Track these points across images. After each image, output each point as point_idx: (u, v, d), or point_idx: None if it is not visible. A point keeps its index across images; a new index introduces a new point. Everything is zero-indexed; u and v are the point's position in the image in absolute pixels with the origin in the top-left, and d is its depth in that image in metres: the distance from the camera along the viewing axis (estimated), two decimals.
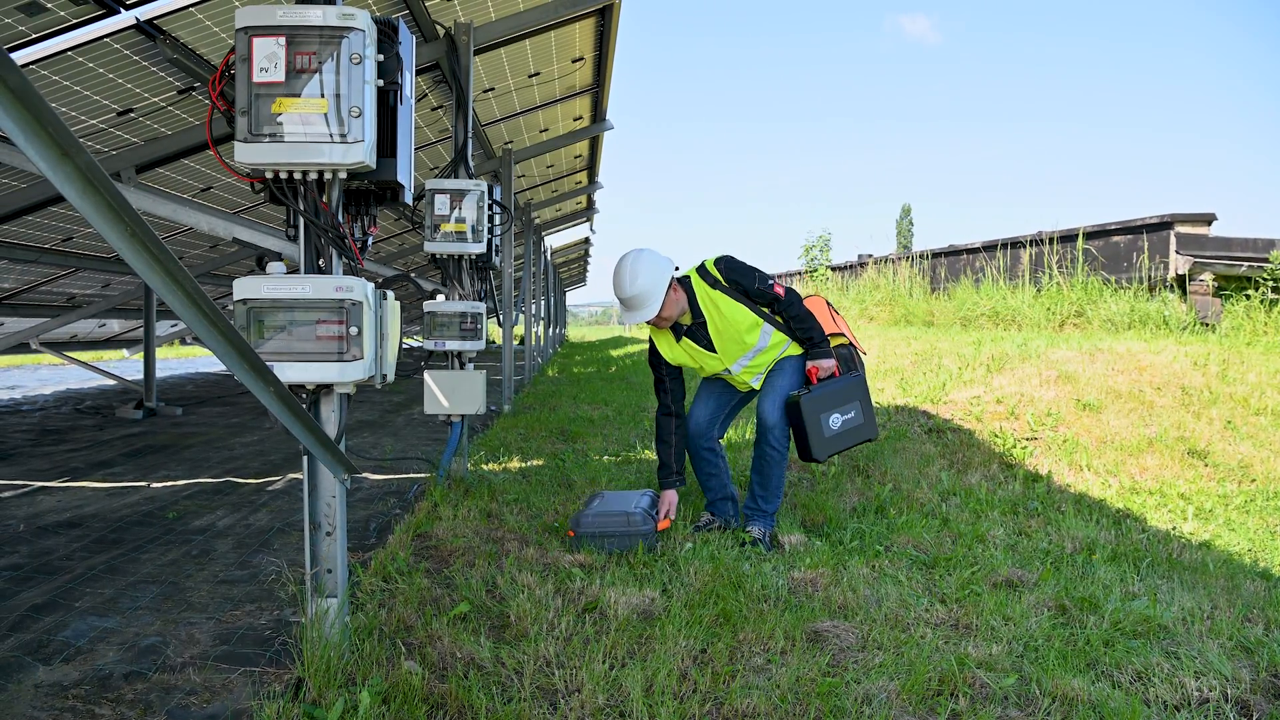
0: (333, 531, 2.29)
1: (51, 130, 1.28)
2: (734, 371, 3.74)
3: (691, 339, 3.69)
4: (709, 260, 3.71)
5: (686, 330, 3.70)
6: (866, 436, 3.62)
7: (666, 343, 3.77)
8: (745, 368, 3.73)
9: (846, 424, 3.54)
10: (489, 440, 6.46)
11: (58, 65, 4.01)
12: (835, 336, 3.78)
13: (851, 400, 3.58)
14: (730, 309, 3.62)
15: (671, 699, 2.16)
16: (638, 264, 3.55)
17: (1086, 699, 2.20)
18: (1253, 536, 3.99)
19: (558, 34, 6.41)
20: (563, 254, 22.47)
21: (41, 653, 2.43)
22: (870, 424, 3.61)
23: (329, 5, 2.11)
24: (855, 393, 3.60)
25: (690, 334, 3.69)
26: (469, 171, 4.74)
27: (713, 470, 3.85)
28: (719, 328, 3.64)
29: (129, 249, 1.50)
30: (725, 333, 3.64)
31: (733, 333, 3.63)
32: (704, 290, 3.65)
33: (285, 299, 2.13)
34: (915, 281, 13.78)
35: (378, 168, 2.23)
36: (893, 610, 2.81)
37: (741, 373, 3.75)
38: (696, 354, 3.72)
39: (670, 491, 3.77)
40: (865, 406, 3.60)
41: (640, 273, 3.54)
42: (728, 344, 3.66)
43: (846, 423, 3.54)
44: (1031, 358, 7.04)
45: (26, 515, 4.06)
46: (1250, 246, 9.12)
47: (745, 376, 3.76)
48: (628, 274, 3.55)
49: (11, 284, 7.76)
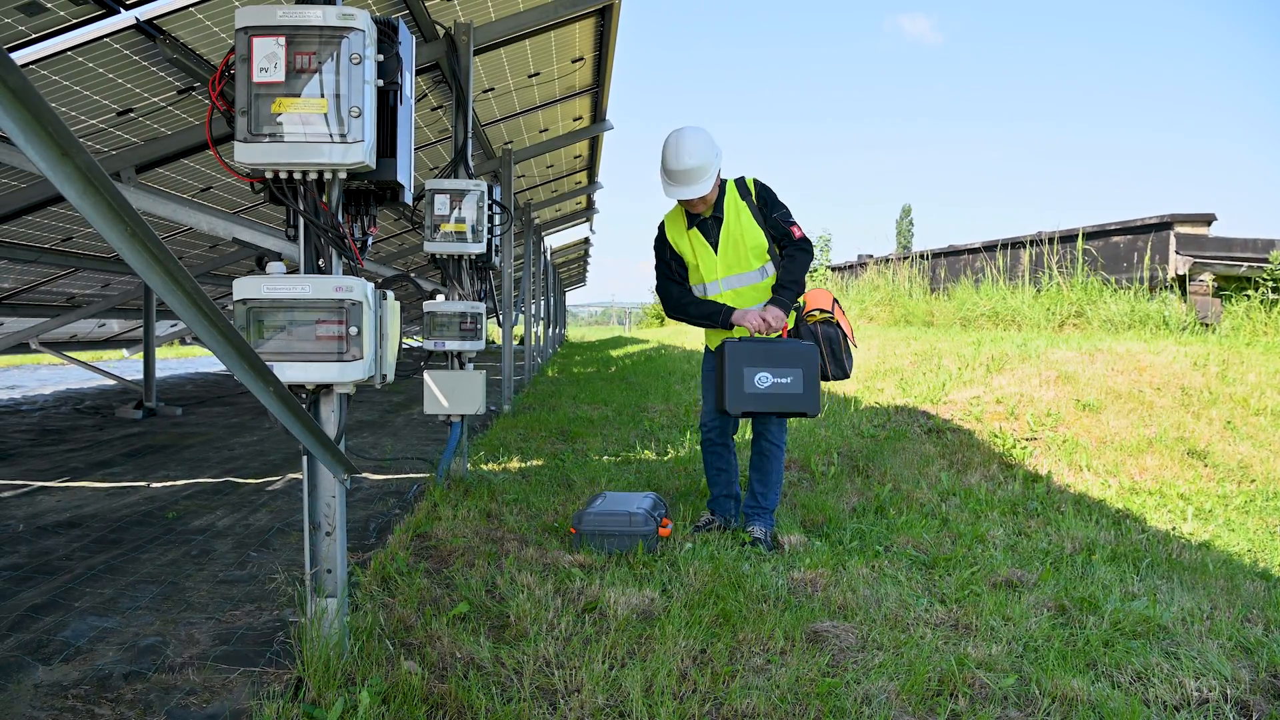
0: (332, 531, 2.29)
1: (51, 130, 1.27)
2: (721, 288, 3.65)
3: (701, 231, 3.64)
4: (749, 177, 3.70)
5: (700, 222, 3.64)
6: (801, 410, 3.33)
7: (676, 229, 3.72)
8: (732, 289, 3.65)
9: (778, 387, 3.28)
10: (489, 440, 6.46)
11: (58, 65, 4.01)
12: (822, 313, 3.67)
13: (792, 365, 3.33)
14: (749, 223, 3.60)
15: (671, 699, 2.16)
16: (697, 138, 3.48)
17: (1086, 699, 2.20)
18: (1252, 537, 3.99)
19: (557, 34, 6.41)
20: (563, 254, 22.47)
21: (41, 653, 2.43)
22: (810, 398, 3.33)
23: (329, 5, 2.11)
24: (799, 360, 3.35)
25: (702, 226, 3.64)
26: (469, 171, 4.74)
27: (722, 465, 3.84)
28: (730, 232, 3.60)
29: (129, 249, 1.50)
30: (734, 239, 3.61)
31: (740, 243, 3.60)
32: (734, 194, 3.63)
33: (285, 299, 2.13)
34: (915, 282, 13.77)
35: (378, 168, 2.23)
36: (892, 610, 2.81)
37: (724, 295, 3.65)
38: (698, 247, 3.65)
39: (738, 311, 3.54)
40: (809, 379, 3.34)
41: (699, 147, 3.46)
42: (730, 251, 3.62)
43: (778, 386, 3.27)
44: (1031, 358, 7.04)
45: (26, 515, 4.06)
46: (1250, 247, 9.12)
47: (728, 298, 3.66)
48: (687, 146, 3.46)
49: (11, 284, 7.75)
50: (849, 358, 3.69)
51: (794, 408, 3.31)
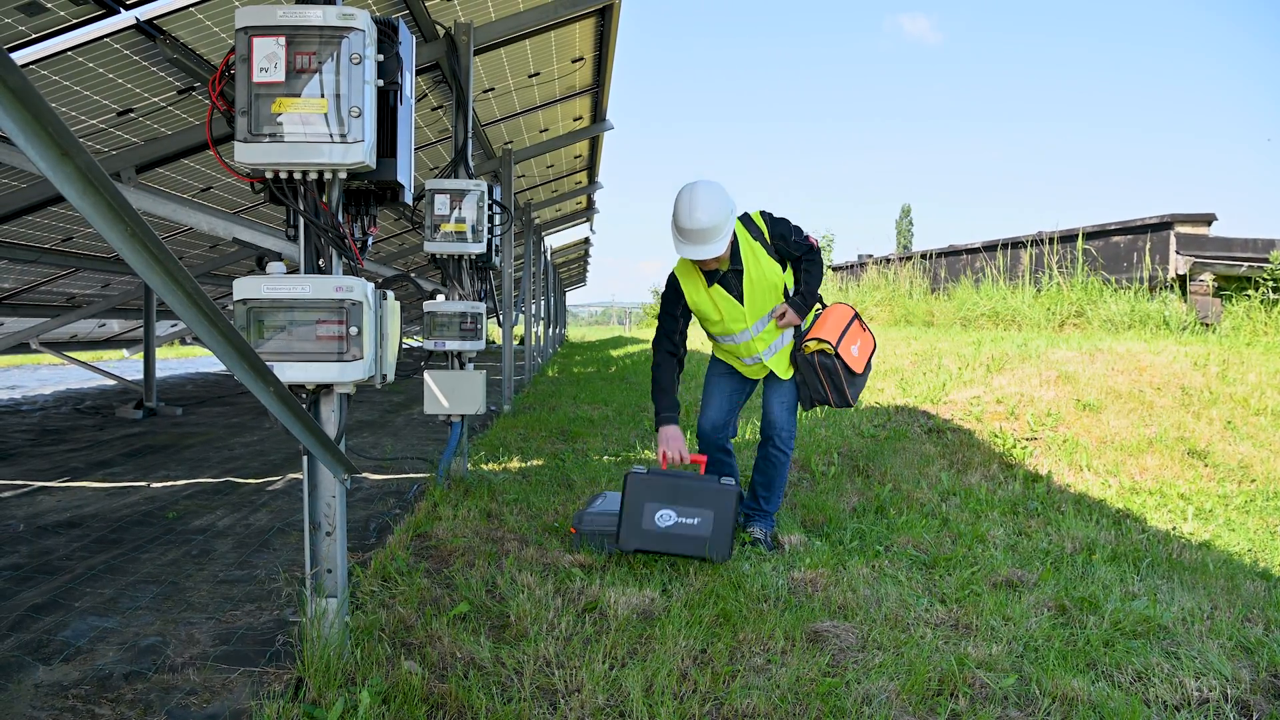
0: (333, 531, 2.29)
1: (51, 130, 1.27)
2: (753, 333, 3.56)
3: (724, 286, 3.51)
4: (753, 211, 3.58)
5: (720, 277, 3.53)
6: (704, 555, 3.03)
7: (693, 285, 3.55)
8: (762, 332, 3.58)
9: (682, 528, 3.01)
10: (489, 440, 6.46)
11: (58, 65, 4.01)
12: (820, 343, 3.50)
13: (702, 506, 3.04)
14: (767, 264, 3.49)
15: (671, 699, 2.16)
16: (711, 195, 3.30)
17: (1086, 699, 2.20)
18: (1253, 537, 3.98)
19: (557, 34, 6.41)
20: (563, 254, 22.46)
21: (41, 652, 2.43)
22: (719, 543, 3.02)
23: (329, 5, 2.11)
24: (712, 501, 3.05)
25: (723, 281, 3.50)
26: (469, 171, 4.74)
27: (725, 472, 3.80)
28: (754, 279, 3.49)
29: (129, 249, 1.50)
30: (759, 284, 3.49)
31: (766, 286, 3.50)
32: (746, 238, 3.50)
33: (285, 299, 2.13)
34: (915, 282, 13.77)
35: (378, 168, 2.23)
36: (893, 610, 2.81)
37: (757, 339, 3.58)
38: (723, 303, 3.51)
39: (674, 427, 3.44)
40: (720, 522, 3.04)
41: (714, 205, 3.28)
42: (758, 297, 3.51)
43: (682, 526, 3.01)
44: (1031, 358, 7.04)
45: (26, 515, 4.06)
46: (1250, 247, 9.12)
47: (759, 345, 3.59)
48: (702, 204, 3.28)
49: (11, 284, 7.75)
50: (854, 388, 3.56)
51: (696, 552, 3.01)
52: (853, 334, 3.59)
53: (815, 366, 3.52)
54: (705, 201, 3.30)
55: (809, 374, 3.54)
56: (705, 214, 3.28)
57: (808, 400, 3.60)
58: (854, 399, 3.54)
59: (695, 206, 3.29)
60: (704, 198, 3.30)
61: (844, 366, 3.50)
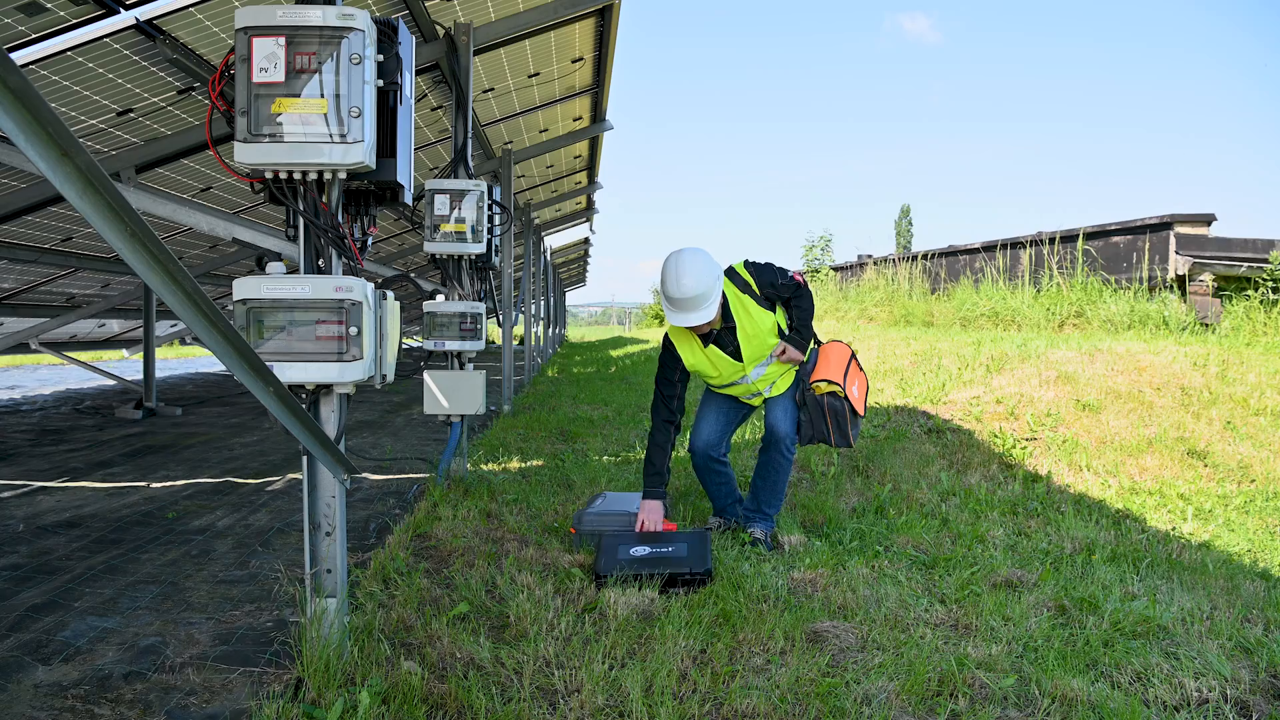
0: (332, 531, 2.29)
1: (51, 130, 1.27)
2: (751, 379, 3.62)
3: (719, 345, 3.56)
4: (736, 264, 3.62)
5: (714, 337, 3.56)
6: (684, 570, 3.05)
7: (688, 347, 3.61)
8: (762, 375, 3.64)
9: (658, 555, 3.09)
10: (489, 440, 6.46)
11: (57, 65, 4.01)
12: (829, 384, 3.53)
13: (676, 542, 3.16)
14: (758, 314, 3.54)
15: (671, 699, 2.16)
16: (696, 262, 3.38)
17: (1086, 699, 2.20)
18: (1252, 537, 3.98)
19: (557, 34, 6.41)
20: (562, 254, 22.47)
21: (41, 653, 2.43)
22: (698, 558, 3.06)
23: (329, 5, 2.11)
24: (685, 537, 3.19)
25: (718, 340, 3.56)
26: (469, 172, 4.74)
27: (722, 480, 3.82)
28: (748, 333, 3.54)
29: (128, 249, 1.50)
30: (753, 338, 3.54)
31: (761, 335, 3.55)
32: (734, 293, 3.54)
33: (285, 299, 2.13)
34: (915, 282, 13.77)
35: (377, 168, 2.23)
36: (892, 610, 2.81)
37: (758, 380, 3.64)
38: (719, 361, 3.58)
39: (656, 502, 3.53)
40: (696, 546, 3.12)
41: (701, 272, 3.36)
42: (754, 347, 3.56)
43: (658, 554, 3.10)
44: (1031, 358, 7.04)
45: (26, 515, 4.06)
46: (1250, 247, 9.12)
47: (759, 385, 3.66)
48: (689, 272, 3.36)
49: (11, 284, 7.76)
50: (855, 429, 3.59)
51: (678, 569, 3.05)
52: (853, 374, 3.64)
53: (824, 408, 3.55)
54: (690, 270, 3.37)
55: (816, 414, 3.58)
56: (692, 282, 3.35)
57: (808, 437, 3.61)
58: (854, 440, 3.59)
59: (682, 275, 3.36)
60: (689, 266, 3.38)
61: (851, 410, 3.56)
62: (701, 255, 3.44)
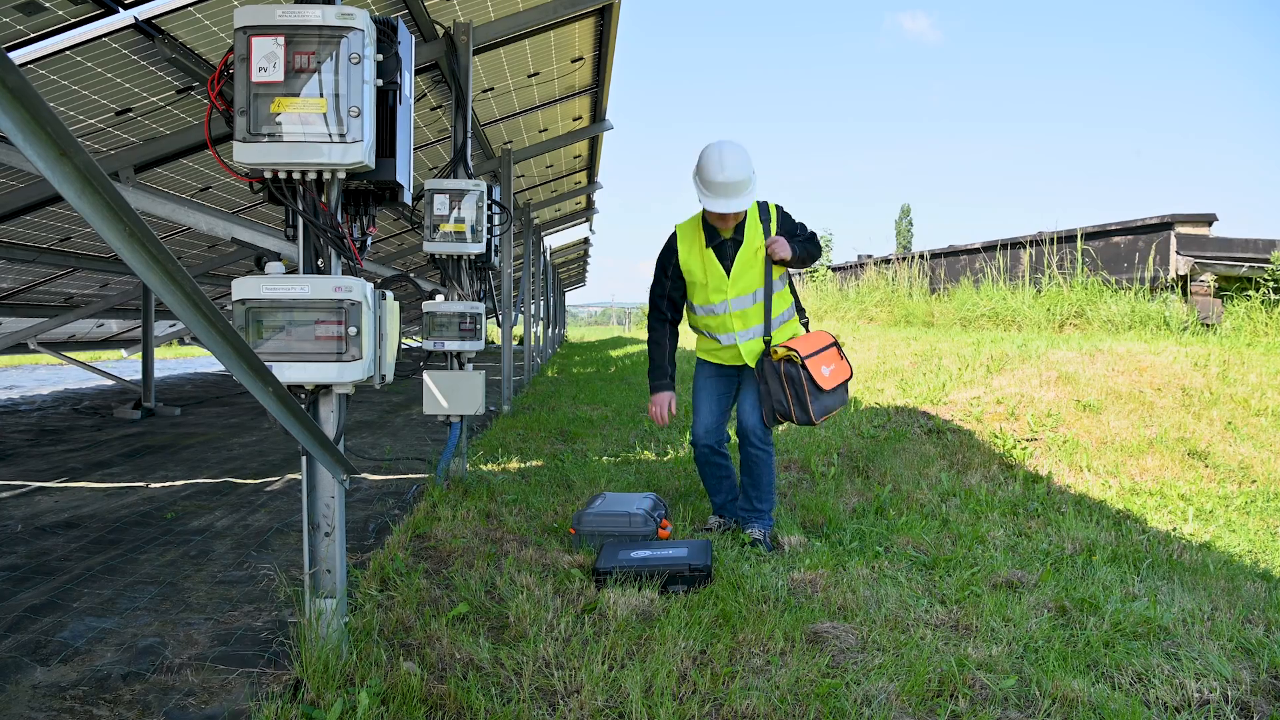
0: (331, 532, 2.28)
1: (50, 130, 1.27)
2: (731, 308, 3.61)
3: (717, 252, 3.60)
4: (772, 203, 3.68)
5: (718, 243, 3.61)
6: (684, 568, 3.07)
7: (689, 244, 3.67)
8: (741, 310, 3.61)
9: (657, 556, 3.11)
10: (488, 441, 6.46)
11: (56, 65, 4.01)
12: (788, 351, 3.50)
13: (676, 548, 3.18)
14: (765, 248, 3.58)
15: (671, 700, 2.15)
16: (738, 153, 3.45)
17: (1086, 700, 2.19)
18: (1253, 538, 3.98)
19: (557, 34, 6.40)
20: (562, 254, 22.46)
21: (39, 653, 2.43)
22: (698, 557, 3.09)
23: (328, 5, 2.11)
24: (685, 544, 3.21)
25: (719, 247, 3.60)
26: (468, 171, 4.73)
27: (723, 474, 3.83)
28: (745, 256, 3.57)
29: (127, 249, 1.49)
30: (749, 263, 3.58)
31: (754, 268, 3.58)
32: (755, 219, 3.60)
33: (284, 299, 2.13)
34: (915, 282, 13.77)
35: (377, 168, 2.23)
36: (892, 611, 2.80)
37: (734, 315, 3.61)
38: (710, 266, 3.61)
39: (667, 393, 3.73)
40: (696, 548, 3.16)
41: (742, 160, 3.44)
42: (743, 275, 3.59)
43: (657, 556, 3.12)
44: (1031, 358, 7.04)
45: (24, 516, 4.05)
46: (1251, 247, 9.12)
47: (735, 323, 3.62)
48: (730, 159, 3.42)
49: (10, 284, 7.75)
50: (818, 403, 3.49)
51: (677, 567, 3.06)
52: (828, 356, 3.61)
53: (780, 374, 3.51)
54: (733, 157, 3.43)
55: (773, 381, 3.53)
56: (735, 169, 3.42)
57: (769, 413, 3.55)
58: (817, 416, 3.48)
59: (725, 162, 3.42)
60: (731, 154, 3.44)
61: (809, 379, 3.48)
62: (741, 147, 3.49)
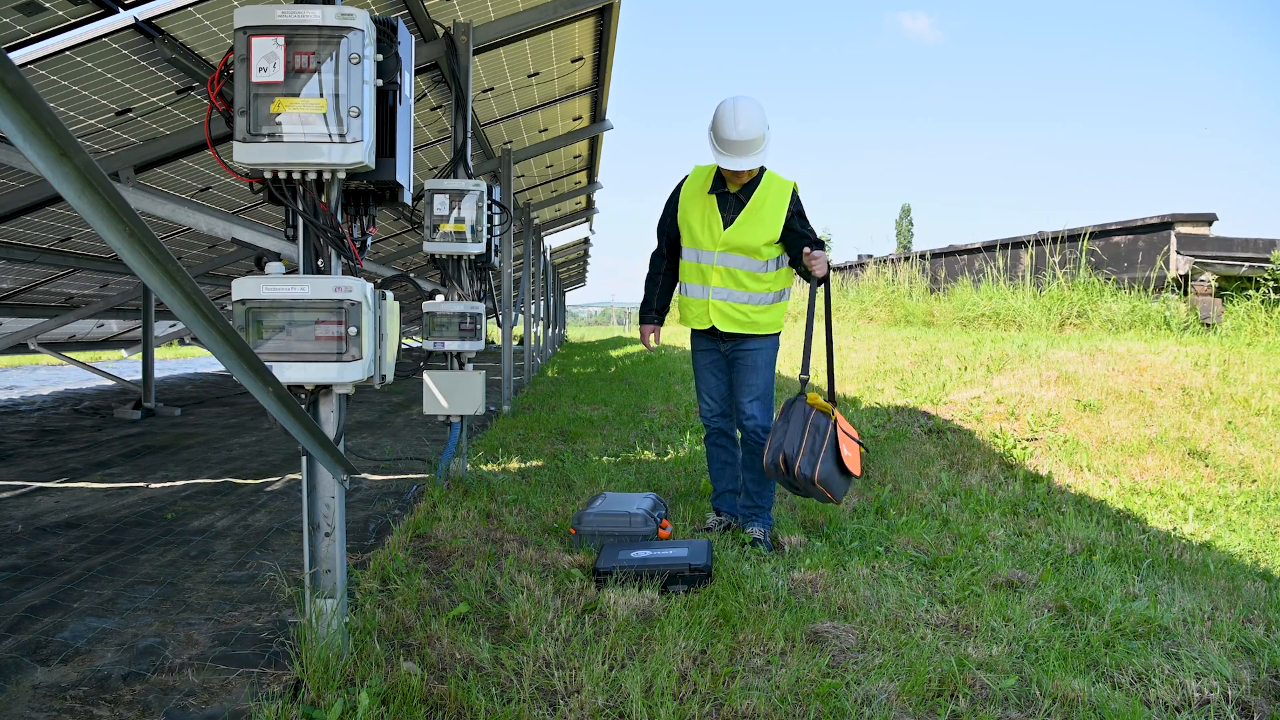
0: (331, 532, 2.28)
1: (50, 130, 1.27)
2: (715, 261, 3.56)
3: (719, 201, 3.56)
4: (793, 183, 3.62)
5: (724, 195, 3.56)
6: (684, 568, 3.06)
7: (694, 190, 3.65)
8: (726, 267, 3.57)
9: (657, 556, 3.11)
10: (488, 441, 6.46)
11: (56, 65, 4.01)
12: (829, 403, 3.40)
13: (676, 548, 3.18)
14: (770, 218, 3.51)
15: (671, 700, 2.15)
16: (752, 109, 3.40)
17: (1087, 700, 2.19)
18: (1253, 537, 3.98)
19: (557, 34, 6.40)
20: (562, 254, 22.46)
21: (40, 654, 2.43)
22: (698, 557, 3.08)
23: (328, 5, 2.11)
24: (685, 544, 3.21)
25: (723, 198, 3.57)
26: (468, 171, 4.73)
27: (727, 459, 3.84)
28: (747, 218, 3.52)
29: (127, 249, 1.49)
30: (749, 225, 3.52)
31: (755, 231, 3.51)
32: (769, 187, 3.54)
33: (284, 299, 2.13)
34: (915, 282, 13.77)
35: (377, 168, 2.23)
36: (893, 611, 2.80)
37: (714, 268, 3.56)
38: (710, 214, 3.57)
39: (648, 325, 3.85)
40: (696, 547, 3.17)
41: (757, 118, 3.39)
42: (741, 234, 3.53)
43: (657, 556, 3.12)
44: (1032, 358, 7.04)
45: (25, 516, 4.05)
46: (1251, 247, 9.12)
47: (713, 276, 3.57)
48: (745, 115, 3.37)
49: (10, 284, 7.75)
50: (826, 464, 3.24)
51: (678, 566, 3.05)
52: (853, 445, 3.46)
53: (808, 419, 3.32)
54: (747, 114, 3.39)
55: (796, 421, 3.32)
56: (748, 125, 3.37)
57: (774, 452, 3.29)
58: (820, 479, 3.24)
59: (739, 118, 3.38)
60: (746, 110, 3.40)
61: (833, 439, 3.31)
62: (757, 103, 3.44)
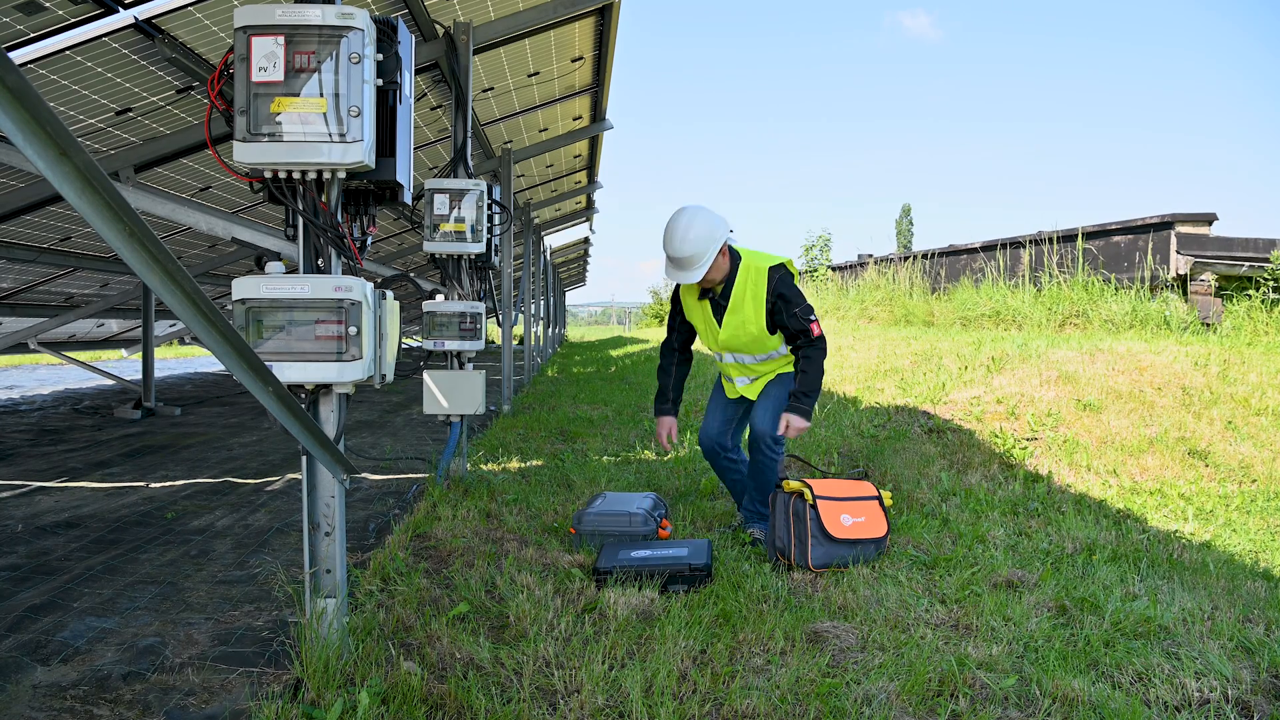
0: (331, 532, 2.28)
1: (50, 129, 1.27)
2: (726, 359, 3.75)
3: (711, 306, 3.66)
4: (770, 260, 3.56)
5: (710, 297, 3.65)
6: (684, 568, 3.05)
7: (690, 295, 3.74)
8: (737, 361, 3.72)
9: (658, 556, 3.08)
10: (488, 440, 6.46)
11: (56, 64, 4.01)
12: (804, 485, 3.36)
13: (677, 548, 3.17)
14: (753, 315, 3.53)
15: (671, 699, 2.15)
16: (694, 223, 3.42)
17: (1087, 700, 2.19)
18: (1253, 537, 3.98)
19: (557, 33, 6.40)
20: (562, 254, 22.45)
21: (40, 653, 2.43)
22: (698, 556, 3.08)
23: (328, 4, 2.11)
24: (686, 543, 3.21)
25: (713, 302, 3.65)
26: (468, 171, 4.73)
27: (736, 475, 3.88)
28: (733, 319, 3.59)
29: (127, 248, 1.49)
30: (736, 327, 3.59)
31: (742, 330, 3.59)
32: (746, 283, 3.54)
33: (284, 299, 2.13)
34: (915, 281, 13.76)
35: (377, 167, 2.22)
36: (893, 611, 2.80)
37: (730, 366, 3.75)
38: (707, 320, 3.69)
39: (667, 418, 3.82)
40: (697, 547, 3.16)
41: (695, 234, 3.41)
42: (732, 334, 3.62)
43: (658, 555, 3.09)
44: (1032, 358, 7.03)
45: (25, 515, 4.05)
46: (1251, 246, 9.11)
47: (733, 372, 3.76)
48: (681, 232, 3.42)
49: (10, 284, 7.75)
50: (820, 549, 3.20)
51: (677, 567, 3.04)
52: (855, 507, 3.37)
53: (789, 510, 3.30)
54: (687, 230, 3.43)
55: (780, 515, 3.32)
56: (686, 243, 3.43)
57: (772, 549, 3.33)
58: (815, 564, 3.21)
59: (676, 235, 3.45)
60: (686, 227, 3.44)
61: (815, 522, 3.24)
62: (701, 216, 3.45)
